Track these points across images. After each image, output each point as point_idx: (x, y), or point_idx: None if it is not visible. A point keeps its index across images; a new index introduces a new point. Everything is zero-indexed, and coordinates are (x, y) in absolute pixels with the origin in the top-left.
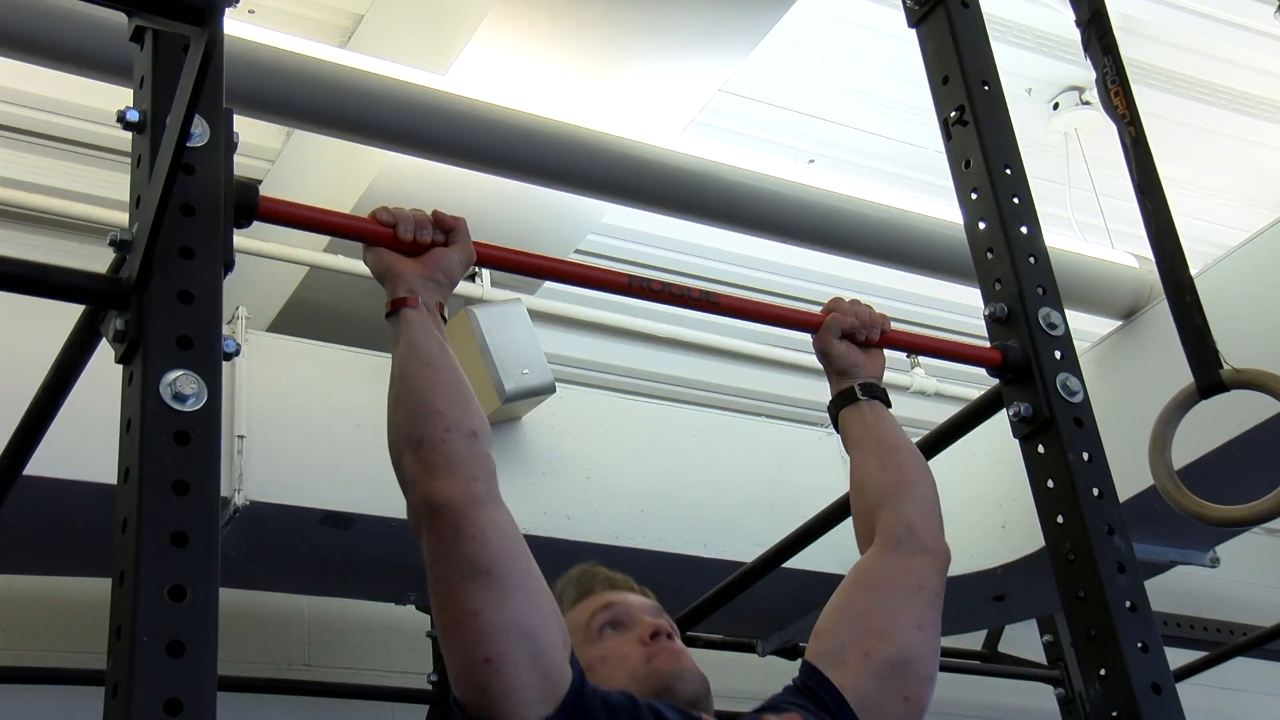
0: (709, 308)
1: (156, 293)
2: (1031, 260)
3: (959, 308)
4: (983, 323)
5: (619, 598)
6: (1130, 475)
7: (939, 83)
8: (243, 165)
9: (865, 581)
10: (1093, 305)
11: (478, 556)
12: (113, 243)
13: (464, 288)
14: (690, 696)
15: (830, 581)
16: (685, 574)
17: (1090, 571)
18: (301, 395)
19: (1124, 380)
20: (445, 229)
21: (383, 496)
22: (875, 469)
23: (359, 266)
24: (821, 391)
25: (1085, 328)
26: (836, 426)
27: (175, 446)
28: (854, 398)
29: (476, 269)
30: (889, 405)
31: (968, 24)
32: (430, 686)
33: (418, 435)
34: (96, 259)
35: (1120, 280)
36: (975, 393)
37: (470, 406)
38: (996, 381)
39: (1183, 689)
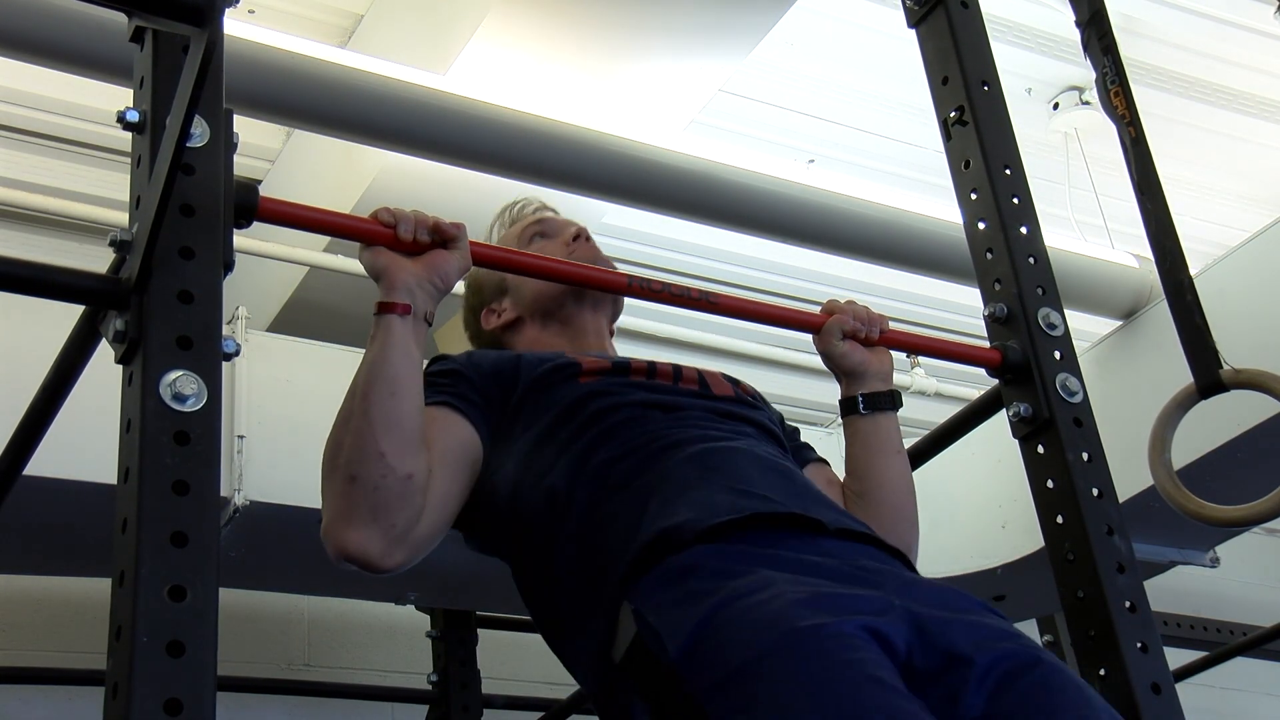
0: (709, 308)
1: (156, 293)
2: (1031, 260)
3: (959, 308)
4: (983, 323)
5: (546, 214)
6: (1130, 475)
7: (939, 83)
8: (243, 165)
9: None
10: (1093, 305)
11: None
12: (113, 243)
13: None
14: None
15: None
16: None
17: (1090, 572)
18: (301, 395)
19: (1124, 380)
20: (446, 238)
21: None
22: (869, 504)
23: (359, 266)
24: (821, 391)
25: (1085, 328)
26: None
27: (175, 446)
28: (855, 409)
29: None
30: (898, 405)
31: (967, 24)
32: (430, 686)
33: (354, 472)
34: (96, 259)
35: (1120, 280)
36: (975, 393)
37: (414, 446)
38: (996, 381)
39: (1183, 689)
